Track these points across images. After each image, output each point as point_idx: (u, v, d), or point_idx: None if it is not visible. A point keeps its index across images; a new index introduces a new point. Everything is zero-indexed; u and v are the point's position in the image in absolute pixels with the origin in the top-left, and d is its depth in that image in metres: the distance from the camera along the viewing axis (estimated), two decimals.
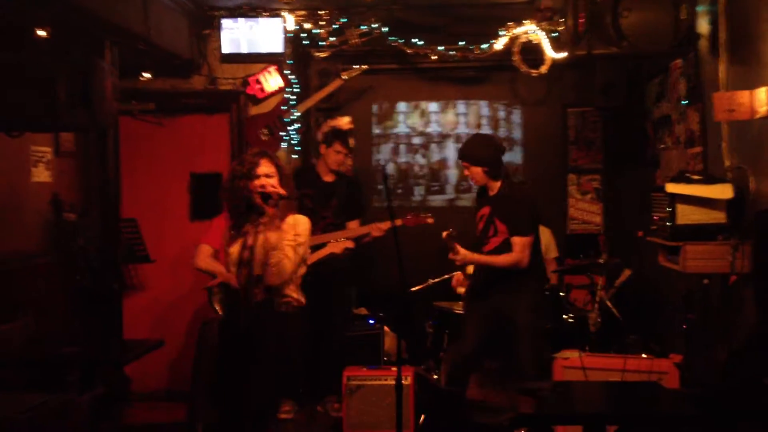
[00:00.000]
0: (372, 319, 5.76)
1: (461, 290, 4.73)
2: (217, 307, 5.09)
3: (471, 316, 4.85)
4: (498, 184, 4.74)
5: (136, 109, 5.85)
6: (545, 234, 6.22)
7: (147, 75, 5.96)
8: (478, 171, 4.71)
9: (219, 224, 5.23)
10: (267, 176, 3.86)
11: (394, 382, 4.13)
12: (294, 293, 3.97)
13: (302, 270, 4.01)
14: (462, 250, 4.62)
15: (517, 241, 4.61)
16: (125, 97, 5.36)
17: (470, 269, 4.77)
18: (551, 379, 4.61)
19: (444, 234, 4.61)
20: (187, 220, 6.27)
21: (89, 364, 4.20)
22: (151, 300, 6.23)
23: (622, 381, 4.27)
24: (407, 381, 4.78)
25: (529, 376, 4.49)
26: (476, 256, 4.71)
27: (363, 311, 5.99)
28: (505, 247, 4.64)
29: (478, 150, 4.76)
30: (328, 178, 5.66)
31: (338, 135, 5.70)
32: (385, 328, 5.79)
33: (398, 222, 5.37)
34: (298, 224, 3.91)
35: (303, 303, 4.01)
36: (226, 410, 3.95)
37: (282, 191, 3.83)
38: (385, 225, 5.38)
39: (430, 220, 5.48)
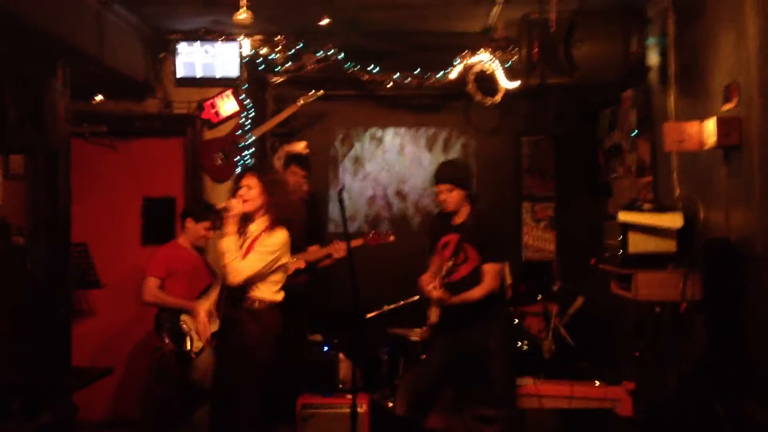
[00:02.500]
0: (327, 346, 5.71)
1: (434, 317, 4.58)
2: (164, 337, 5.03)
3: (435, 348, 4.73)
4: (467, 210, 4.66)
5: (89, 132, 5.78)
6: None
7: (100, 97, 5.88)
8: (460, 194, 4.60)
9: (164, 254, 5.20)
10: (247, 187, 4.21)
11: (349, 410, 4.10)
12: (259, 293, 4.19)
13: (276, 277, 4.27)
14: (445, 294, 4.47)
15: (489, 269, 4.53)
16: (77, 119, 5.29)
17: (434, 317, 4.65)
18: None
19: (446, 266, 4.49)
20: (138, 245, 6.17)
21: (34, 391, 4.08)
22: (101, 326, 6.10)
23: (576, 408, 4.29)
24: (362, 409, 4.74)
25: (503, 401, 4.46)
26: (457, 298, 4.49)
27: (318, 338, 5.93)
28: (474, 275, 4.54)
29: (461, 173, 4.70)
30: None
31: (295, 158, 5.71)
32: (340, 355, 5.74)
33: (360, 241, 5.35)
34: (274, 237, 4.19)
35: (272, 300, 4.25)
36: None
37: (249, 200, 4.20)
38: (344, 244, 5.36)
39: (392, 238, 5.46)
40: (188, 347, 4.96)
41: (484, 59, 5.84)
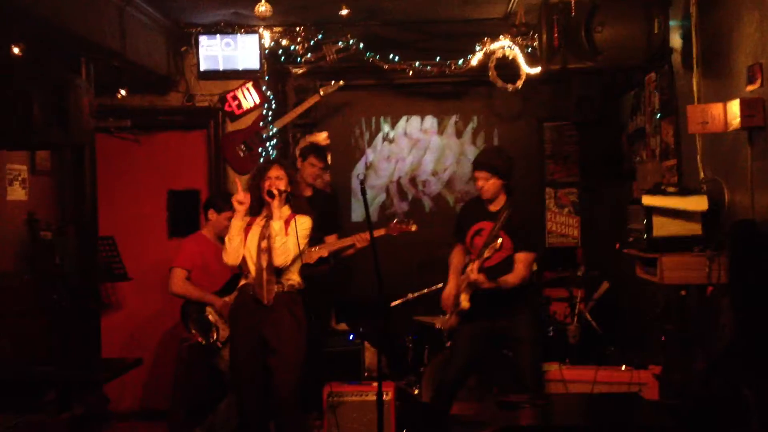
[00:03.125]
0: (352, 335, 5.75)
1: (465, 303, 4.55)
2: (191, 327, 5.08)
3: (461, 337, 4.70)
4: (503, 199, 4.64)
5: (113, 126, 5.83)
6: None
7: (123, 92, 5.93)
8: (496, 183, 4.58)
9: (190, 245, 5.25)
10: (277, 178, 4.42)
11: (375, 398, 4.12)
12: (296, 276, 4.48)
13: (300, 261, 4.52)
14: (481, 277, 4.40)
15: (523, 257, 4.51)
16: (102, 114, 5.34)
17: (465, 303, 4.51)
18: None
19: (498, 242, 4.37)
20: (165, 238, 6.24)
21: (66, 383, 4.14)
22: (129, 318, 6.18)
23: (602, 393, 4.28)
24: (388, 396, 4.76)
25: (532, 388, 4.44)
26: (492, 283, 4.42)
27: (343, 327, 5.97)
28: (507, 263, 4.51)
29: (500, 161, 4.64)
30: (306, 192, 5.67)
31: (313, 149, 5.74)
32: (366, 343, 5.78)
33: (382, 231, 5.37)
34: (301, 223, 4.44)
35: (301, 284, 4.51)
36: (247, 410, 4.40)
37: (283, 189, 4.41)
38: (367, 235, 5.38)
39: (413, 228, 5.46)
40: (215, 337, 5.00)
41: (505, 45, 5.81)
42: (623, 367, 4.68)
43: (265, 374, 4.40)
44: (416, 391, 5.26)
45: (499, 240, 4.33)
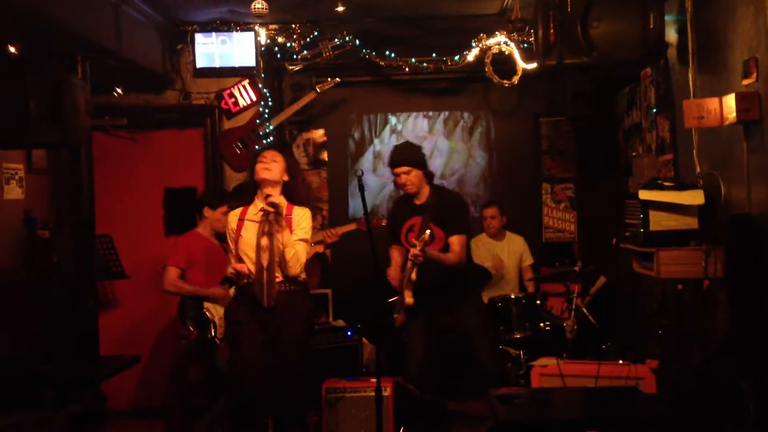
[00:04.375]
0: (350, 331, 5.75)
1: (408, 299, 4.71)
2: (189, 324, 5.09)
3: (412, 333, 4.81)
4: (428, 190, 4.78)
5: (109, 125, 5.82)
6: (519, 242, 6.28)
7: (119, 90, 5.93)
8: (419, 174, 4.71)
9: (184, 243, 5.25)
10: (273, 160, 4.20)
11: (373, 394, 4.13)
12: (302, 273, 4.25)
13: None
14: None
15: (455, 240, 4.66)
16: (98, 112, 5.32)
17: (414, 275, 4.60)
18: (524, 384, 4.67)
19: (425, 235, 4.49)
20: (162, 235, 6.24)
21: (64, 381, 4.15)
22: (126, 315, 6.18)
23: (600, 387, 4.29)
24: (386, 392, 4.77)
25: (492, 372, 4.68)
26: (435, 252, 4.60)
27: (340, 323, 5.97)
28: (444, 251, 4.67)
29: (414, 152, 4.80)
30: None
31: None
32: (363, 339, 5.78)
33: (352, 226, 5.41)
34: (301, 218, 4.23)
35: (306, 278, 4.31)
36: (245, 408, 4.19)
37: (278, 179, 4.20)
38: (339, 230, 5.47)
39: (383, 222, 5.51)
40: (212, 334, 5.01)
41: (501, 41, 5.82)
42: (620, 362, 4.69)
43: (267, 377, 4.21)
44: (413, 387, 5.26)
45: (428, 232, 4.42)
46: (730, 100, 3.73)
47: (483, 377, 4.69)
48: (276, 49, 6.06)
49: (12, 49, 4.18)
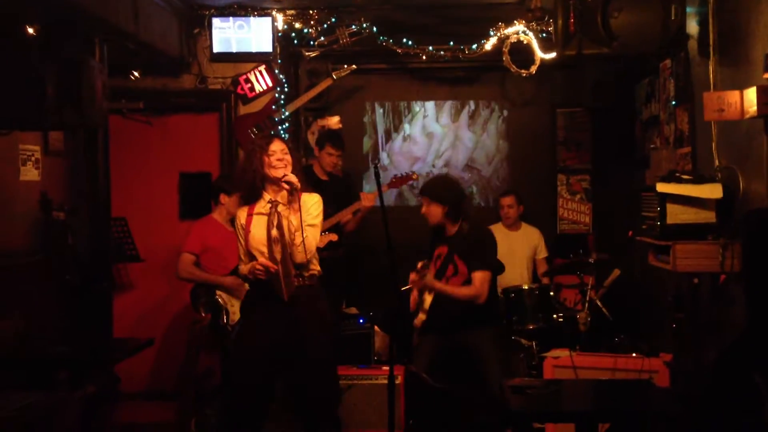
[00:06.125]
0: (362, 319, 5.76)
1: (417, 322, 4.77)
2: (201, 310, 5.11)
3: (420, 351, 4.80)
4: (456, 225, 4.78)
5: (126, 108, 5.84)
6: (534, 234, 6.26)
7: (136, 73, 5.94)
8: (437, 209, 4.74)
9: (199, 229, 5.26)
10: (283, 151, 3.97)
11: (385, 381, 4.13)
12: (315, 265, 4.09)
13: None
14: (429, 276, 4.69)
15: (477, 276, 4.64)
16: (115, 95, 5.33)
17: (428, 303, 4.70)
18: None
19: (419, 264, 4.68)
20: (176, 220, 6.26)
21: (79, 363, 4.17)
22: (140, 299, 6.21)
23: (613, 379, 4.28)
24: (398, 380, 4.78)
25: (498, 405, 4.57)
26: (439, 284, 4.68)
27: (353, 311, 5.98)
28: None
29: (441, 189, 4.81)
30: (324, 177, 5.73)
31: (329, 137, 5.75)
32: (375, 327, 5.79)
33: (385, 188, 5.34)
34: (311, 203, 4.05)
35: (321, 272, 4.13)
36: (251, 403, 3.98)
37: (294, 179, 3.90)
38: (373, 194, 5.46)
39: (414, 176, 5.63)
40: (225, 320, 5.02)
41: (520, 30, 5.78)
42: (634, 355, 4.67)
43: (272, 379, 4.04)
44: (425, 374, 5.26)
45: (423, 261, 4.70)
46: (751, 94, 3.69)
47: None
48: (293, 35, 6.04)
49: (30, 31, 4.18)
